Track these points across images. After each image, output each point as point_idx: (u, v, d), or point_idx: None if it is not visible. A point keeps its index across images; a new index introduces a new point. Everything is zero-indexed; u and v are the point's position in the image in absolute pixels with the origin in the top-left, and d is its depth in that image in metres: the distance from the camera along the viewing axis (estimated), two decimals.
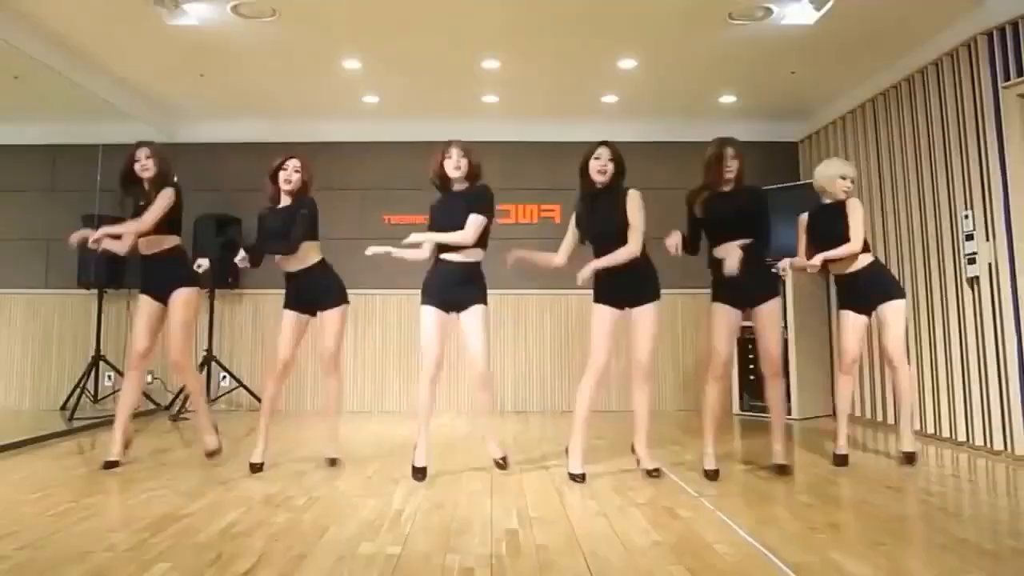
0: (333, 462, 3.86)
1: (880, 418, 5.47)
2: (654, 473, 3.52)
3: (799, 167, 6.76)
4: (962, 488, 3.44)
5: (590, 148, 3.59)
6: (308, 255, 3.81)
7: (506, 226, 6.57)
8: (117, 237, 3.90)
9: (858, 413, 5.78)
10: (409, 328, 6.54)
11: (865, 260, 3.87)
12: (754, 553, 2.37)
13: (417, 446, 3.57)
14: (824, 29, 4.66)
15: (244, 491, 3.25)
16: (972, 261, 4.44)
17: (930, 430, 4.85)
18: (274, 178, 3.89)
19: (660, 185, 6.59)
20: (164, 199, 3.81)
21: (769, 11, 4.51)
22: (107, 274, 6.14)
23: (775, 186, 6.23)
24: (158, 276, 3.88)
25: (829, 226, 3.88)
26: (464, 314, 3.63)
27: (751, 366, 6.11)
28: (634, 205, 3.51)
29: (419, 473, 3.51)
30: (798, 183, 6.30)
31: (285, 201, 3.88)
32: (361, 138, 6.69)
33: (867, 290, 3.88)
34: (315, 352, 6.46)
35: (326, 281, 3.87)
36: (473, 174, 3.64)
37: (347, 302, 3.91)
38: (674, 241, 3.63)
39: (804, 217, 4.09)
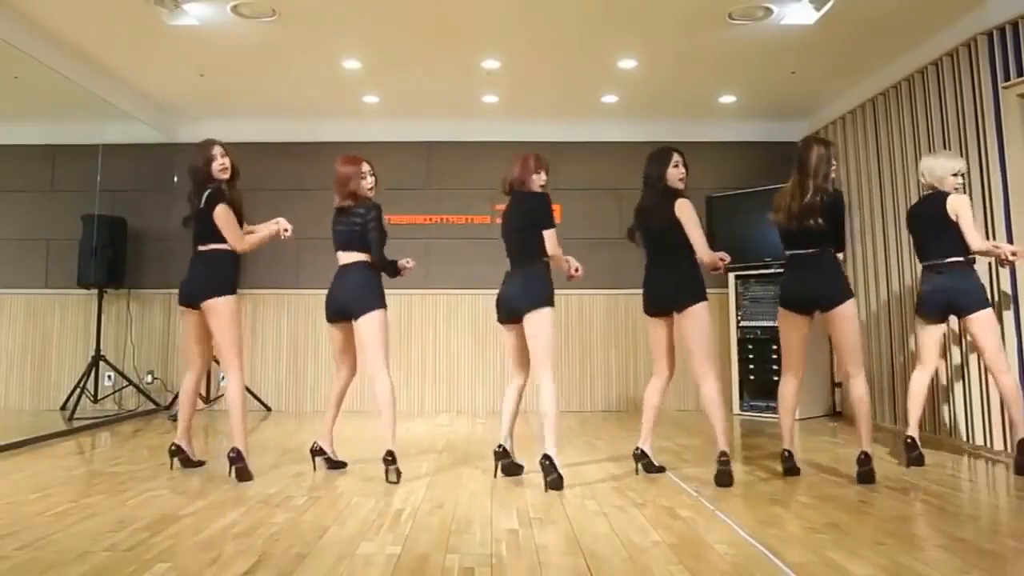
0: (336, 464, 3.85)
1: (880, 418, 5.47)
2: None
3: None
4: (962, 488, 3.44)
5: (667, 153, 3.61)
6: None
7: None
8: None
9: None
10: (409, 328, 6.54)
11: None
12: (754, 553, 2.37)
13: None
14: (824, 29, 4.66)
15: (244, 491, 3.26)
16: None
17: (930, 430, 4.84)
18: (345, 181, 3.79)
19: None
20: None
21: (769, 11, 4.51)
22: (107, 274, 6.14)
23: (775, 186, 6.23)
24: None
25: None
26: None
27: (751, 366, 6.11)
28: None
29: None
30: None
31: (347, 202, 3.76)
32: (361, 138, 6.68)
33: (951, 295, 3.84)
34: (319, 352, 6.48)
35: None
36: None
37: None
38: None
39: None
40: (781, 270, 5.87)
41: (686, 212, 3.49)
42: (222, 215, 3.57)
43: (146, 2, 4.30)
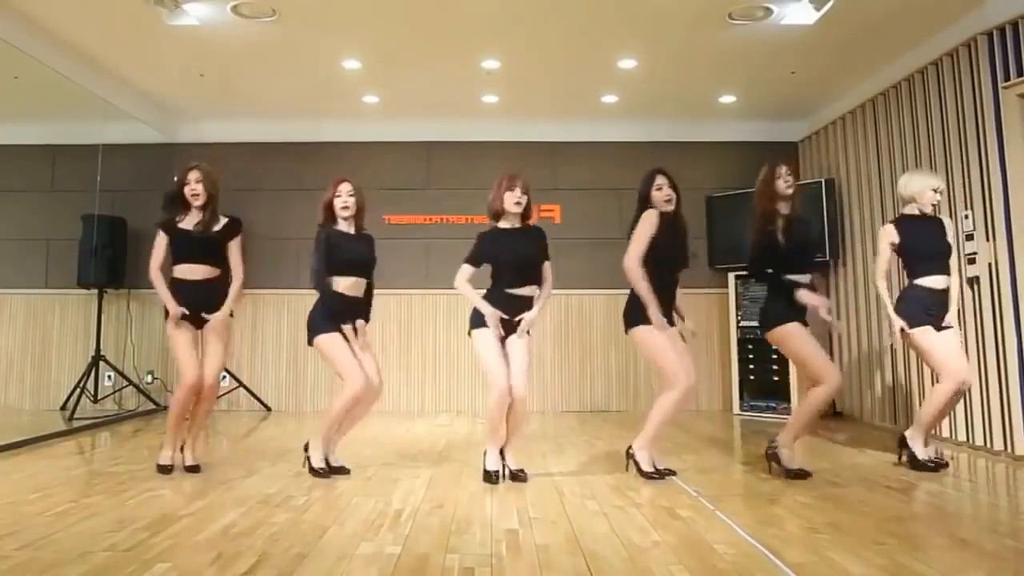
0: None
1: (880, 418, 5.47)
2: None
3: (799, 167, 6.75)
4: (962, 488, 3.44)
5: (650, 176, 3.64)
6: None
7: None
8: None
9: (858, 413, 5.78)
10: (409, 328, 6.55)
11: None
12: (754, 553, 2.37)
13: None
14: (824, 29, 4.66)
15: (244, 491, 3.26)
16: (972, 261, 4.43)
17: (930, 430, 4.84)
18: (330, 206, 3.75)
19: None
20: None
21: (769, 11, 4.51)
22: (107, 274, 6.14)
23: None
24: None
25: (930, 241, 3.79)
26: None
27: (751, 366, 6.11)
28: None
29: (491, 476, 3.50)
30: (798, 183, 6.29)
31: (344, 227, 3.76)
32: (361, 138, 6.69)
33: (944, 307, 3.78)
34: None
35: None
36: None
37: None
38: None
39: (890, 228, 3.86)
40: None
41: (638, 224, 3.53)
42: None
43: (146, 2, 4.30)
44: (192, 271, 3.69)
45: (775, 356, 5.95)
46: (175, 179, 3.74)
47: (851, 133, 5.94)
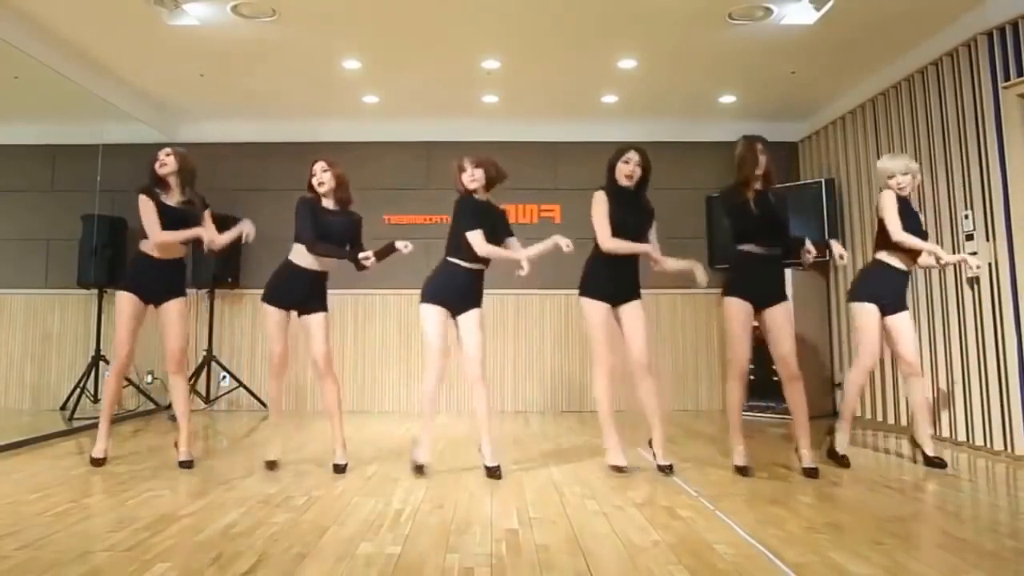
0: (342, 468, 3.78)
1: (880, 418, 5.47)
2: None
3: (799, 167, 6.76)
4: (962, 488, 3.44)
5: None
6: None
7: None
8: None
9: (858, 413, 5.78)
10: (409, 328, 6.54)
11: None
12: (754, 553, 2.37)
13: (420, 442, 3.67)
14: (824, 29, 4.66)
15: (244, 491, 3.26)
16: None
17: (930, 430, 4.84)
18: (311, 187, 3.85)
19: (660, 185, 6.55)
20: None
21: (769, 11, 4.51)
22: (107, 274, 6.14)
23: (775, 186, 6.24)
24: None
25: (909, 221, 3.80)
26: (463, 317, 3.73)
27: (751, 365, 6.09)
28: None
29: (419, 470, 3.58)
30: (798, 183, 6.31)
31: (326, 203, 3.84)
32: (361, 138, 6.69)
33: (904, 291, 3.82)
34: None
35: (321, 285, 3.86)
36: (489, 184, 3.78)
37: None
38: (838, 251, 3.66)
39: (891, 193, 3.83)
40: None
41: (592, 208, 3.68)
42: (139, 207, 3.73)
43: (146, 2, 4.30)
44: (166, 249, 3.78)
45: None
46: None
47: (851, 133, 5.94)
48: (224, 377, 6.38)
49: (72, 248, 6.17)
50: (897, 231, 3.70)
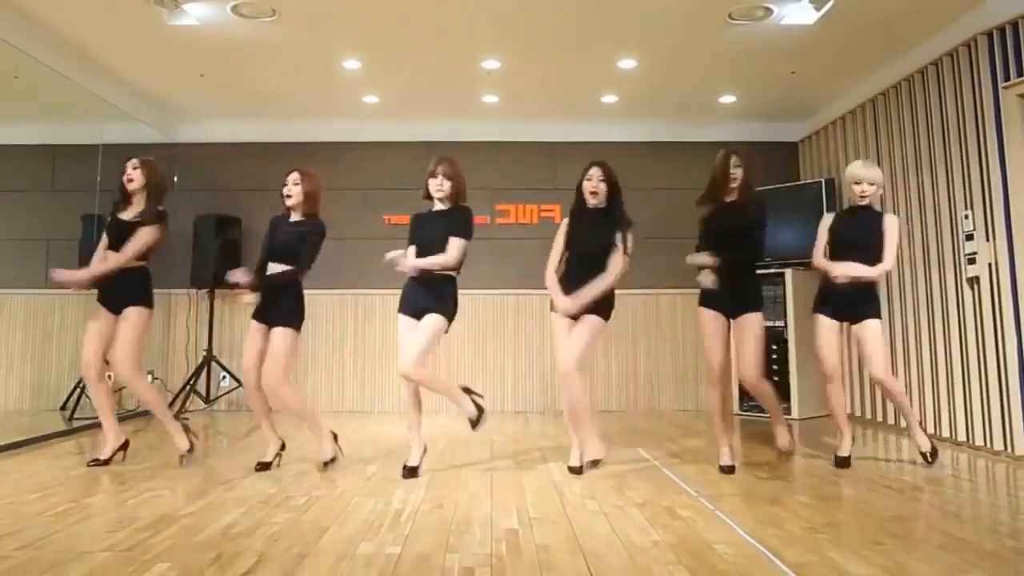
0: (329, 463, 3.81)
1: (880, 418, 5.47)
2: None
3: (799, 167, 6.76)
4: (962, 488, 3.44)
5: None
6: None
7: (506, 226, 6.58)
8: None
9: (858, 413, 5.78)
10: None
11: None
12: (754, 553, 2.37)
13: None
14: (824, 29, 4.66)
15: (244, 491, 3.26)
16: (972, 261, 4.44)
17: (930, 430, 4.84)
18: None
19: (660, 185, 6.61)
20: (148, 235, 3.86)
21: (769, 11, 4.51)
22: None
23: (775, 186, 6.24)
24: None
25: (853, 233, 3.79)
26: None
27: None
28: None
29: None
30: (798, 183, 6.31)
31: (295, 215, 3.89)
32: (361, 138, 6.69)
33: (854, 301, 3.77)
34: (318, 352, 6.48)
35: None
36: (455, 194, 3.77)
37: None
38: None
39: (829, 218, 3.97)
40: (781, 271, 5.92)
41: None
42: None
43: (146, 2, 4.30)
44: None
45: (775, 356, 5.95)
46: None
47: (851, 133, 5.94)
48: (224, 377, 6.38)
49: (72, 248, 6.16)
50: (815, 256, 3.90)
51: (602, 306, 3.66)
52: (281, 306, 3.72)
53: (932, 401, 4.86)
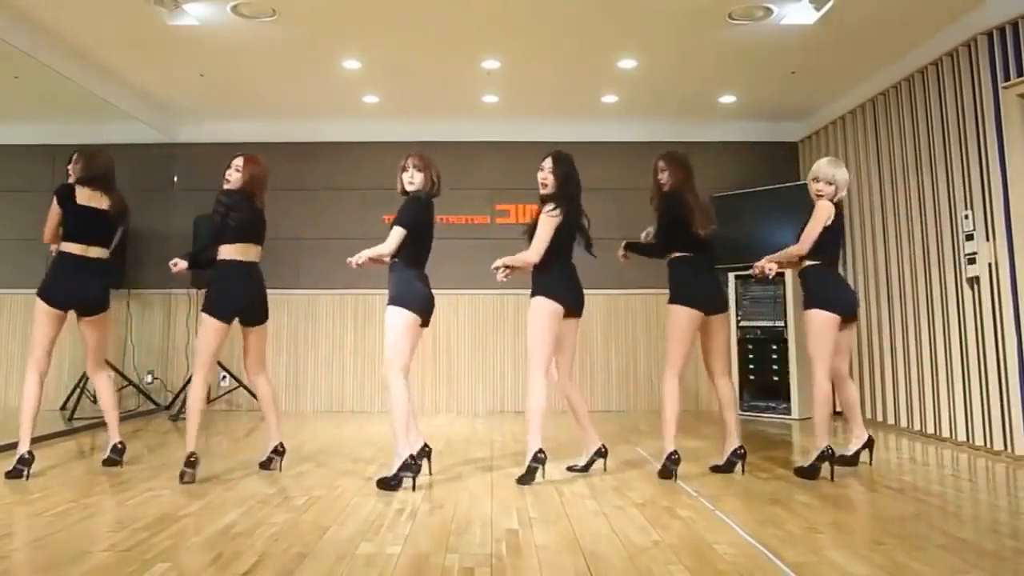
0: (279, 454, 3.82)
1: (880, 418, 5.47)
2: None
3: (799, 167, 6.75)
4: (962, 488, 3.44)
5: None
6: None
7: (506, 226, 6.57)
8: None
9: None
10: None
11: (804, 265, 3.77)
12: (754, 553, 2.37)
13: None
14: (824, 29, 4.66)
15: (244, 491, 3.26)
16: (972, 261, 4.44)
17: (930, 430, 4.85)
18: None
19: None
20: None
21: (769, 11, 4.51)
22: None
23: (775, 186, 6.25)
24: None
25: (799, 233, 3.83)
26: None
27: (751, 366, 6.11)
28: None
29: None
30: (798, 183, 6.30)
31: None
32: (361, 138, 6.69)
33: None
34: (319, 352, 6.48)
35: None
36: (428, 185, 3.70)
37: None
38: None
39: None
40: (781, 271, 5.91)
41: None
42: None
43: (146, 2, 4.30)
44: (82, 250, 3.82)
45: (775, 356, 5.95)
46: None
47: (851, 133, 5.94)
48: (224, 377, 6.38)
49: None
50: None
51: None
52: None
53: (932, 401, 4.86)
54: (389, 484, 3.29)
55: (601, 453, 3.74)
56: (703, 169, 6.53)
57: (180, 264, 3.71)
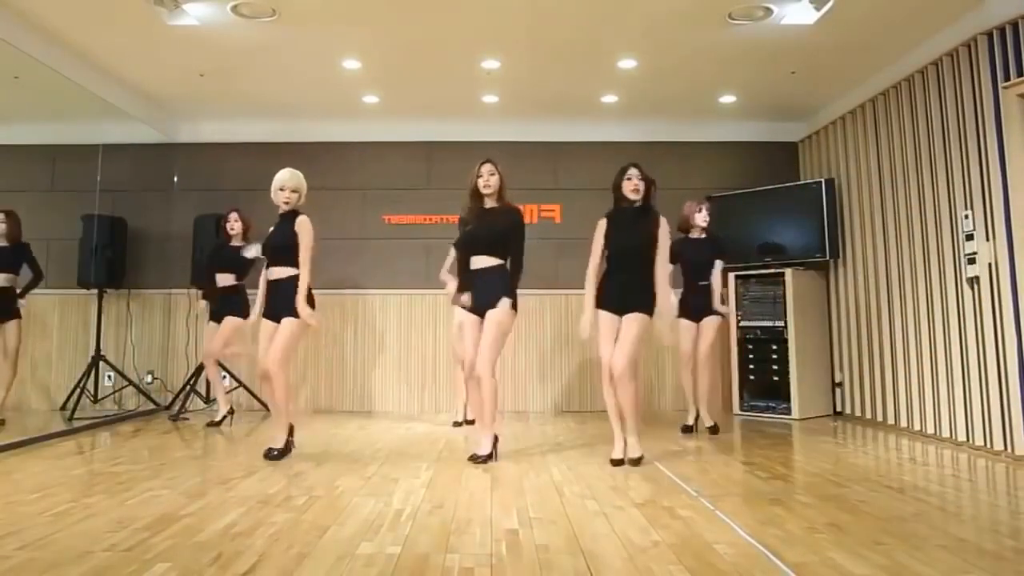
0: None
1: (880, 418, 5.47)
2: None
3: (799, 167, 6.76)
4: (962, 488, 3.44)
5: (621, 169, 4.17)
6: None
7: None
8: None
9: (858, 413, 5.78)
10: (409, 327, 6.55)
11: None
12: (754, 553, 2.37)
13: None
14: (824, 29, 4.66)
15: (244, 491, 3.26)
16: (972, 261, 4.44)
17: (930, 430, 4.85)
18: None
19: (660, 185, 6.59)
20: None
21: (769, 11, 4.51)
22: (107, 274, 6.14)
23: (775, 186, 6.25)
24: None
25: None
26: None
27: (751, 366, 6.11)
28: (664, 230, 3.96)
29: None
30: (798, 183, 6.31)
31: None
32: (361, 138, 6.69)
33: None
34: (319, 352, 6.48)
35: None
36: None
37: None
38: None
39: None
40: (781, 270, 5.92)
41: (662, 228, 3.96)
42: None
43: (146, 2, 4.30)
44: None
45: (775, 356, 5.95)
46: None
47: (851, 133, 5.94)
48: (224, 377, 6.37)
49: (72, 248, 6.16)
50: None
51: (650, 302, 3.89)
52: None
53: (932, 401, 4.86)
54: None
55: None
56: (703, 169, 6.61)
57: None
